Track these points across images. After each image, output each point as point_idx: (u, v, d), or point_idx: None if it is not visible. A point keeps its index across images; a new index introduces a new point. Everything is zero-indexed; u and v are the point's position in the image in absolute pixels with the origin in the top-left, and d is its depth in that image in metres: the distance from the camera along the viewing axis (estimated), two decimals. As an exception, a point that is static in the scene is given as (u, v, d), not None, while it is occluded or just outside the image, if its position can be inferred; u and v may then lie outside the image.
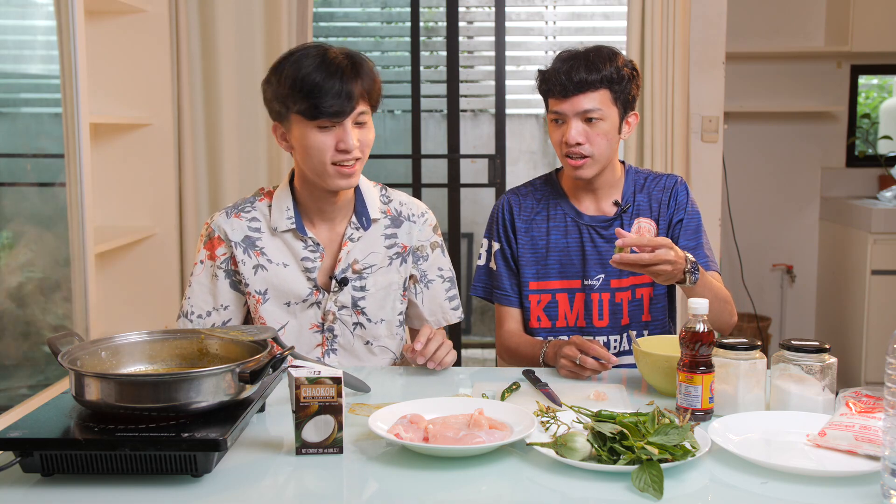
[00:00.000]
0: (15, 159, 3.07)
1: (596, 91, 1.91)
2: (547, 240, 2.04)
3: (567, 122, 1.93)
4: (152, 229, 3.30)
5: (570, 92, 1.90)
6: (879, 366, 3.84)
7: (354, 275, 1.88)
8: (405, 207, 1.95)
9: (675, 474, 1.27)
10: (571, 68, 1.90)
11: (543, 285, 2.05)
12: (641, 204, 2.04)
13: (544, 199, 2.08)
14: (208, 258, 1.88)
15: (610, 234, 2.01)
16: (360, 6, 4.59)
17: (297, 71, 1.71)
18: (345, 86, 1.70)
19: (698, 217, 2.05)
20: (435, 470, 1.30)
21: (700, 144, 3.55)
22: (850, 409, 1.37)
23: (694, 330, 1.48)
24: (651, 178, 2.07)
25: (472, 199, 4.70)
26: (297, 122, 1.75)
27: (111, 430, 1.26)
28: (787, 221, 4.56)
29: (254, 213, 1.88)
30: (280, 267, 1.86)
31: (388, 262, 1.91)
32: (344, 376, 1.38)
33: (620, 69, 1.93)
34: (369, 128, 1.79)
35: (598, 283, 2.01)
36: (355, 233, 1.88)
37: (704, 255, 2.01)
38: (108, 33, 3.20)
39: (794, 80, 4.42)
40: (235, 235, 1.86)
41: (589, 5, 4.48)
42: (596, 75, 1.90)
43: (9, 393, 2.97)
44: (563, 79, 1.90)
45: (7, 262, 3.04)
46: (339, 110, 1.70)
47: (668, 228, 2.03)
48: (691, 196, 2.07)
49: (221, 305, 1.88)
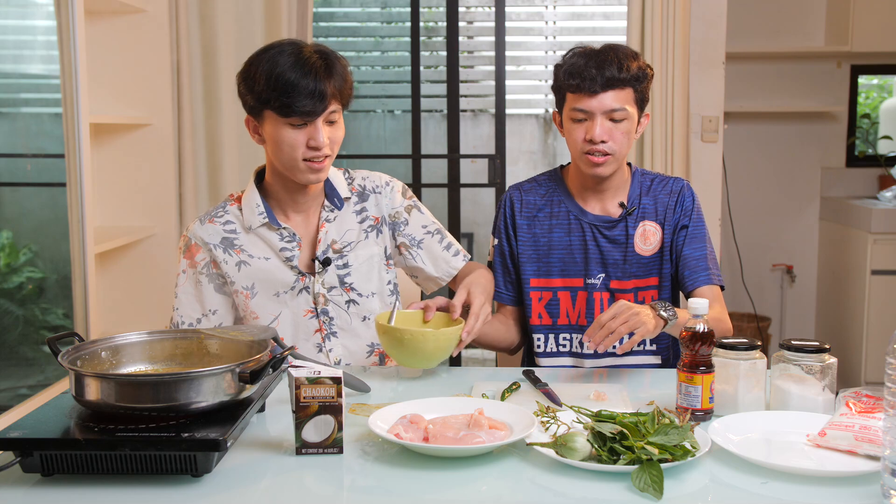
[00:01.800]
0: (15, 159, 3.08)
1: (623, 89, 1.88)
2: (549, 237, 2.03)
3: (592, 120, 1.89)
4: (152, 229, 3.30)
5: (599, 88, 1.87)
6: (879, 366, 3.84)
7: (335, 254, 1.91)
8: (368, 181, 1.99)
9: (675, 474, 1.27)
10: (602, 64, 1.87)
11: (545, 283, 2.04)
12: (647, 207, 2.02)
13: (548, 195, 2.06)
14: (189, 266, 1.90)
15: (613, 235, 2.00)
16: (360, 6, 4.59)
17: (273, 68, 1.74)
18: (318, 85, 1.73)
19: (703, 225, 2.03)
20: (435, 470, 1.30)
21: (700, 144, 3.55)
22: (850, 409, 1.37)
23: (694, 330, 1.48)
24: (658, 181, 2.04)
25: (472, 199, 4.70)
26: (269, 118, 1.79)
27: (111, 430, 1.26)
28: (787, 221, 4.56)
29: (227, 217, 1.91)
30: (262, 260, 1.89)
31: (364, 235, 1.95)
32: (344, 376, 1.38)
33: (644, 69, 1.91)
34: (339, 126, 1.83)
35: (599, 281, 2.00)
36: (330, 214, 1.92)
37: (707, 266, 1.98)
38: (108, 33, 3.20)
39: (794, 80, 4.42)
40: (213, 239, 1.89)
41: (589, 5, 4.48)
42: (626, 73, 1.87)
43: (9, 393, 2.97)
44: (593, 73, 1.86)
45: (7, 262, 3.04)
46: (312, 110, 1.74)
47: (672, 233, 2.01)
48: (697, 202, 2.05)
49: (210, 311, 1.89)
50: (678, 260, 2.00)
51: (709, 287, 1.97)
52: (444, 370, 1.89)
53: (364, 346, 1.96)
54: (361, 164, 2.13)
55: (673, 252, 2.00)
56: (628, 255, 1.99)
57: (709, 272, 1.98)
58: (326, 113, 1.77)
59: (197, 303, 1.89)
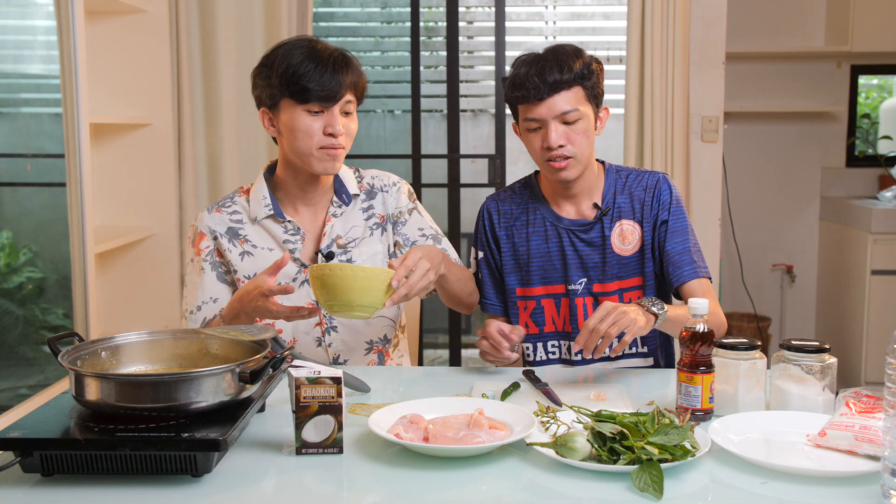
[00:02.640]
0: (15, 159, 3.08)
1: (570, 90, 1.85)
2: (528, 245, 2.01)
3: (546, 127, 1.86)
4: (152, 229, 3.30)
5: (544, 94, 1.84)
6: (879, 366, 3.84)
7: (339, 249, 1.93)
8: (377, 180, 2.02)
9: (675, 474, 1.27)
10: (543, 69, 1.84)
11: (528, 292, 2.01)
12: (623, 206, 1.97)
13: (523, 203, 2.03)
14: (195, 255, 1.94)
15: (590, 238, 1.97)
16: (360, 6, 4.59)
17: (290, 59, 1.80)
18: (335, 74, 1.80)
19: (684, 217, 1.97)
20: (435, 470, 1.30)
21: (700, 144, 3.55)
22: (850, 409, 1.37)
23: (694, 330, 1.48)
24: (633, 177, 2.00)
25: (472, 200, 4.68)
26: (286, 107, 1.83)
27: (111, 430, 1.26)
28: (787, 221, 4.56)
29: (234, 207, 1.96)
30: (265, 251, 1.92)
31: (370, 232, 1.97)
32: (344, 376, 1.38)
33: (589, 64, 1.87)
34: (354, 119, 1.88)
35: (581, 286, 1.97)
36: (338, 210, 1.95)
37: (692, 260, 1.93)
38: (108, 33, 3.20)
39: (794, 80, 4.42)
40: (219, 227, 1.93)
41: (589, 5, 4.48)
42: (569, 74, 1.84)
43: (9, 393, 2.97)
44: (535, 81, 1.83)
45: (7, 262, 3.04)
46: (330, 95, 1.80)
47: (653, 230, 1.96)
48: (675, 193, 1.98)
49: (210, 298, 1.92)
50: (661, 256, 1.95)
51: (696, 281, 1.91)
52: (445, 370, 1.89)
53: (363, 342, 1.97)
54: (361, 164, 2.14)
55: (655, 249, 1.96)
56: (607, 257, 1.96)
57: (693, 265, 1.92)
58: (342, 102, 1.83)
59: (199, 289, 1.92)
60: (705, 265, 1.96)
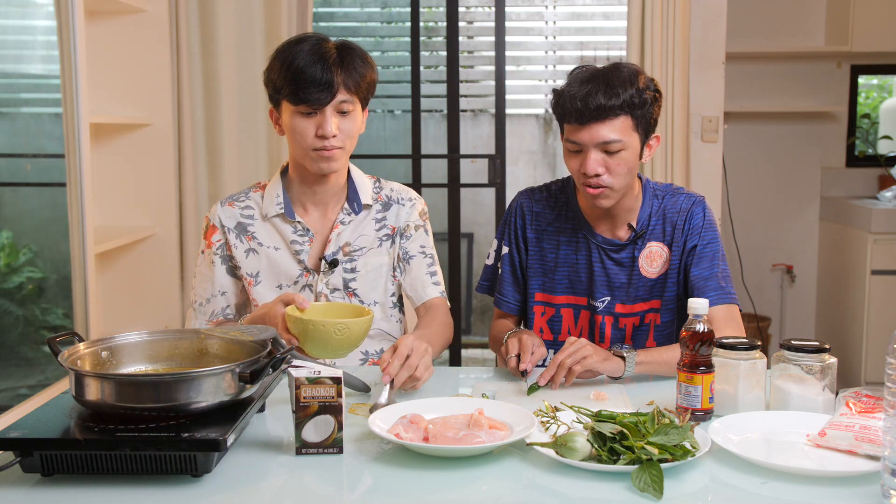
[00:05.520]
0: (15, 159, 3.08)
1: (616, 118, 1.74)
2: (557, 253, 1.96)
3: (586, 152, 1.77)
4: (152, 229, 3.30)
5: (586, 119, 1.74)
6: (879, 366, 3.84)
7: (345, 257, 1.93)
8: (395, 193, 2.02)
9: (675, 474, 1.27)
10: (588, 93, 1.73)
11: (549, 298, 1.97)
12: (655, 227, 1.91)
13: (558, 209, 1.97)
14: (207, 247, 1.96)
15: (620, 258, 1.92)
16: (360, 6, 4.59)
17: (289, 58, 1.80)
18: (325, 74, 1.78)
19: (716, 243, 1.89)
20: (435, 470, 1.30)
21: (700, 144, 3.55)
22: (850, 409, 1.37)
23: (694, 330, 1.48)
24: (668, 197, 1.92)
25: (472, 200, 4.69)
26: (285, 107, 1.85)
27: (111, 431, 1.26)
28: (787, 221, 4.56)
29: (247, 203, 1.97)
30: (271, 250, 1.93)
31: (378, 243, 1.96)
32: (344, 376, 1.38)
33: (642, 92, 1.76)
34: (353, 118, 1.85)
35: (603, 305, 1.93)
36: (346, 217, 1.94)
37: (718, 285, 1.85)
38: (108, 33, 3.20)
39: (794, 80, 4.42)
40: (229, 222, 1.94)
41: (589, 5, 4.48)
42: (616, 101, 1.73)
43: (9, 393, 2.97)
44: (578, 105, 1.73)
45: (7, 262, 3.04)
46: (318, 97, 1.78)
47: (681, 255, 1.89)
48: (709, 217, 1.90)
49: (219, 291, 1.94)
50: (686, 281, 1.89)
51: (721, 307, 1.84)
52: (445, 370, 1.89)
53: (358, 352, 1.96)
54: (361, 164, 2.13)
55: (680, 272, 1.90)
56: (633, 278, 1.91)
57: (719, 291, 1.85)
58: (336, 102, 1.81)
59: (209, 282, 1.95)
60: (733, 291, 1.88)
